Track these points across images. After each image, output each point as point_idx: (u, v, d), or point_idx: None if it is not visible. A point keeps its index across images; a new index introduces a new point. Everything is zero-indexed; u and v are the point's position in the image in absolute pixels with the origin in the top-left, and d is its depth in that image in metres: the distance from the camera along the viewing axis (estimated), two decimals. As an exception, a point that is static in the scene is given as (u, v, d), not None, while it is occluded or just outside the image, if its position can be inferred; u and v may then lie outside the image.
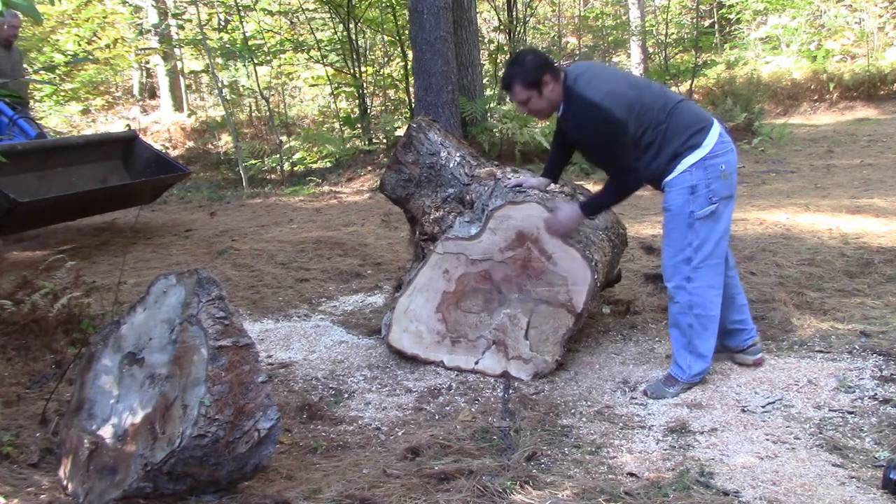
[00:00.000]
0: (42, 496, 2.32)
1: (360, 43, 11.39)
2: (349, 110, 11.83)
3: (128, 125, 6.82)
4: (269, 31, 12.68)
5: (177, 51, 14.43)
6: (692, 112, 3.03)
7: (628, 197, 3.16)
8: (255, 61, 10.71)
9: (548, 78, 2.97)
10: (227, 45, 11.58)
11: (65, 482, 2.38)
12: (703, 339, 3.05)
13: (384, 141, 10.22)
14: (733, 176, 3.01)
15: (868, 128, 10.32)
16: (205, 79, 16.07)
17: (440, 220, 3.68)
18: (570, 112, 3.02)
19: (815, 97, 12.52)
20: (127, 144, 6.81)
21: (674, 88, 10.16)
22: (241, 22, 11.28)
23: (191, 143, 13.32)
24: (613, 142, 2.95)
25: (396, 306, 3.45)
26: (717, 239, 2.99)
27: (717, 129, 3.00)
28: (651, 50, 13.67)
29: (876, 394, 2.89)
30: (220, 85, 11.51)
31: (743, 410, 2.88)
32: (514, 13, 11.28)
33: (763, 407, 2.88)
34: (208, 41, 11.10)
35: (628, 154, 3.00)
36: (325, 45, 11.49)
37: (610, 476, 2.42)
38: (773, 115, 11.77)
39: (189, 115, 14.89)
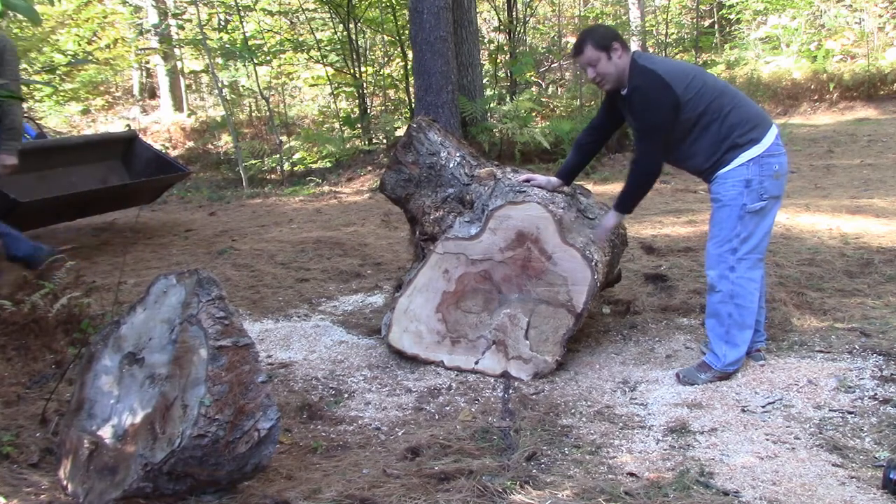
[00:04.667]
0: (42, 496, 2.32)
1: (360, 43, 11.39)
2: (349, 110, 11.83)
3: (128, 125, 6.81)
4: (269, 31, 12.68)
5: (177, 51, 14.43)
6: (754, 107, 3.10)
7: (653, 182, 3.19)
8: (255, 61, 10.71)
9: (617, 45, 3.06)
10: (227, 45, 11.57)
11: (65, 482, 2.37)
12: (739, 330, 3.11)
13: (384, 141, 10.23)
14: (784, 178, 3.09)
15: (868, 128, 10.32)
16: (205, 79, 16.07)
17: (440, 220, 3.68)
18: (632, 85, 3.06)
19: (815, 97, 12.51)
20: (127, 144, 6.82)
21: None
22: (241, 22, 11.28)
23: (191, 143, 13.33)
24: (657, 112, 3.00)
25: (396, 306, 3.44)
26: (762, 235, 3.08)
27: (774, 130, 3.08)
28: (651, 50, 13.65)
29: (876, 394, 2.89)
30: (220, 85, 11.51)
31: (743, 410, 2.88)
32: (514, 13, 11.27)
33: (763, 407, 2.88)
34: (208, 41, 11.10)
35: (658, 137, 3.05)
36: (325, 45, 11.49)
37: (610, 476, 2.41)
38: (774, 115, 11.76)
39: (189, 115, 14.89)
